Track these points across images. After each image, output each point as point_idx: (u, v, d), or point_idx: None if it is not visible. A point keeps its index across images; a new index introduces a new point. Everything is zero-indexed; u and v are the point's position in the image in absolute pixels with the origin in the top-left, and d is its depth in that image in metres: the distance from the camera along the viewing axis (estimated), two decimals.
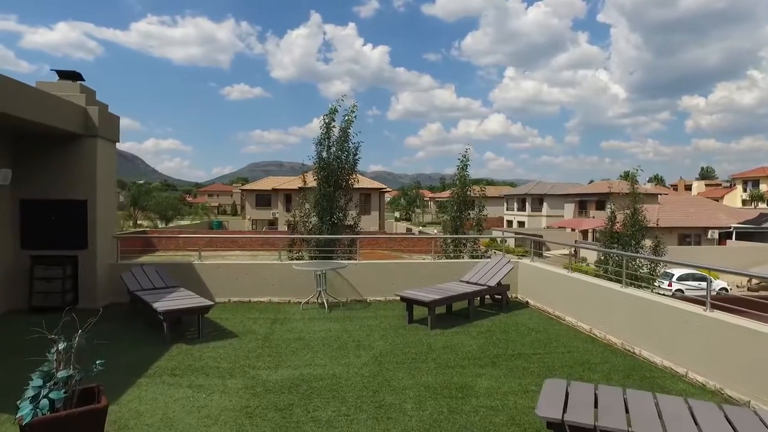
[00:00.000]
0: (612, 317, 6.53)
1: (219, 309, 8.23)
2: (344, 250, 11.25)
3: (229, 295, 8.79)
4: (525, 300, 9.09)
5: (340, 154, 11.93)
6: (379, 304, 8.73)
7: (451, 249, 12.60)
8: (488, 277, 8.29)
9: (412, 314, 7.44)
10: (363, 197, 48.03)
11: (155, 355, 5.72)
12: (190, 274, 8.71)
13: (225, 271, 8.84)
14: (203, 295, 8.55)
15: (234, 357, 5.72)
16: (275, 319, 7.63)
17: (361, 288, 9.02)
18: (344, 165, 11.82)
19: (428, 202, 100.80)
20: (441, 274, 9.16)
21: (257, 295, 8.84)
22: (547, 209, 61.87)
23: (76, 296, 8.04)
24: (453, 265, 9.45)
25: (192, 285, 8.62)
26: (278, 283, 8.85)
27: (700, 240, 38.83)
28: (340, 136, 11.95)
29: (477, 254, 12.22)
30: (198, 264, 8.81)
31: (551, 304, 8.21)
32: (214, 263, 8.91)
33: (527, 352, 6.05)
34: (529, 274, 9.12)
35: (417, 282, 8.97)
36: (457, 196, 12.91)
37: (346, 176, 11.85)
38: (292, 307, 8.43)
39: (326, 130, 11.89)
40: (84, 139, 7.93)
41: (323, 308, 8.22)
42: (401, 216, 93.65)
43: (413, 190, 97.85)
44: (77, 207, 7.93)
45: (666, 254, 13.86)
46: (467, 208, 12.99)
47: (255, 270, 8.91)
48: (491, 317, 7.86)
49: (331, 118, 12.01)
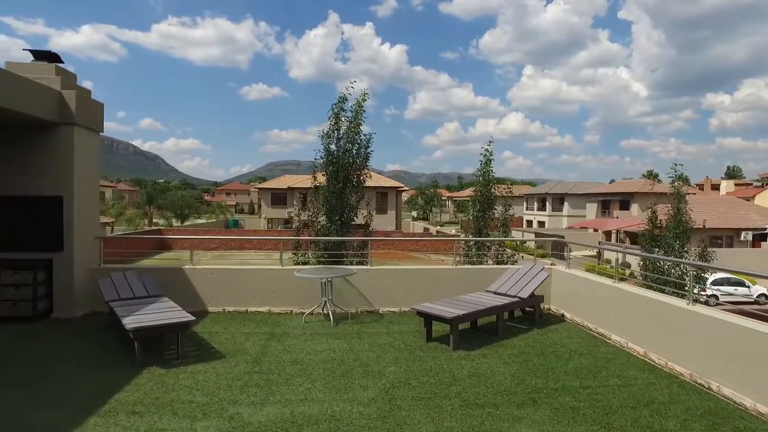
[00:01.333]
0: (675, 340, 5.33)
1: (211, 320, 7.25)
2: (355, 252, 10.23)
3: (223, 303, 7.81)
4: (560, 312, 7.92)
5: (350, 146, 10.88)
6: (393, 317, 7.65)
7: (474, 252, 11.46)
8: (519, 287, 7.14)
9: (431, 331, 6.34)
10: (379, 196, 47.03)
11: (120, 382, 4.73)
12: (180, 281, 7.74)
13: (219, 276, 7.85)
14: (194, 305, 7.61)
15: (214, 387, 4.70)
16: (272, 334, 6.60)
17: (373, 297, 7.96)
18: (355, 159, 10.78)
19: (446, 201, 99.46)
20: (464, 282, 8.05)
21: (255, 304, 7.84)
22: (568, 209, 60.03)
23: (51, 305, 7.13)
24: (477, 273, 8.32)
25: (182, 293, 7.67)
26: (279, 291, 7.84)
27: (732, 242, 36.86)
28: (350, 127, 10.90)
29: (503, 259, 11.07)
30: (189, 269, 7.84)
31: (592, 319, 7.03)
32: (206, 268, 7.93)
33: (573, 384, 4.90)
34: (564, 282, 7.94)
35: (436, 291, 7.87)
36: (480, 195, 11.74)
37: (356, 171, 10.79)
38: (294, 319, 7.41)
39: (335, 120, 10.84)
40: (59, 128, 7.01)
41: (328, 321, 7.18)
42: (418, 215, 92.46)
43: (430, 189, 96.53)
44: (51, 204, 7.01)
45: (713, 260, 12.48)
46: (491, 207, 11.82)
47: (252, 276, 7.91)
48: (523, 335, 6.73)
49: (340, 108, 10.93)
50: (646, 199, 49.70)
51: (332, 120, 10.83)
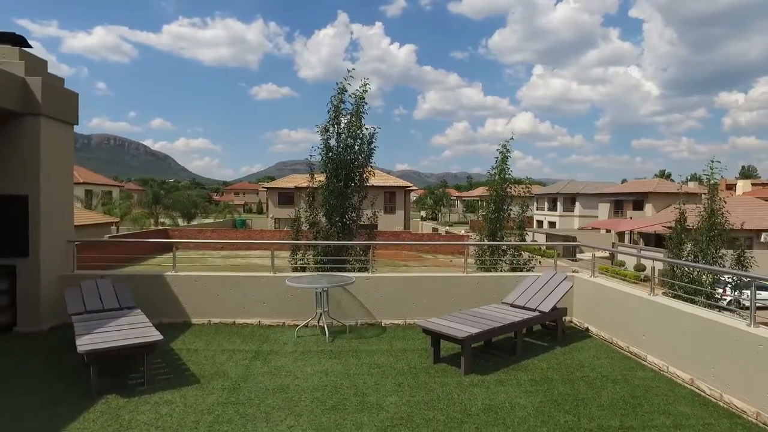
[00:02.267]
0: (733, 368, 4.45)
1: (193, 334, 6.48)
2: (358, 257, 9.43)
3: (208, 314, 7.04)
4: (583, 326, 7.06)
5: (352, 142, 10.09)
6: (397, 331, 6.83)
7: (487, 255, 10.57)
8: (539, 299, 6.29)
9: (438, 350, 5.51)
10: (387, 195, 46.24)
11: (66, 418, 3.96)
12: (161, 289, 6.98)
13: (204, 284, 7.07)
14: (176, 316, 6.86)
15: (177, 424, 3.91)
16: (258, 351, 5.81)
17: (375, 308, 7.15)
18: (357, 156, 9.95)
19: (455, 201, 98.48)
20: (476, 292, 7.22)
21: (244, 315, 7.06)
22: (579, 209, 58.80)
23: (14, 317, 6.40)
24: (491, 281, 7.47)
25: (163, 303, 6.93)
26: (270, 301, 7.05)
27: (751, 243, 35.55)
28: (351, 120, 10.11)
29: (519, 265, 10.15)
30: (171, 276, 7.06)
31: (623, 335, 6.15)
32: (189, 275, 7.14)
33: (612, 424, 4.03)
34: (588, 292, 7.07)
35: (445, 303, 7.05)
36: (495, 194, 10.83)
37: (359, 169, 9.97)
38: (285, 333, 6.62)
39: (334, 113, 10.02)
40: (23, 119, 6.26)
41: (324, 336, 6.38)
42: (427, 215, 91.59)
43: (440, 189, 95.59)
44: (14, 204, 6.28)
45: (753, 266, 11.41)
46: (507, 208, 10.90)
47: (241, 284, 7.12)
48: (545, 354, 5.87)
49: (340, 99, 10.10)
50: (660, 200, 48.52)
51: (331, 114, 10.02)
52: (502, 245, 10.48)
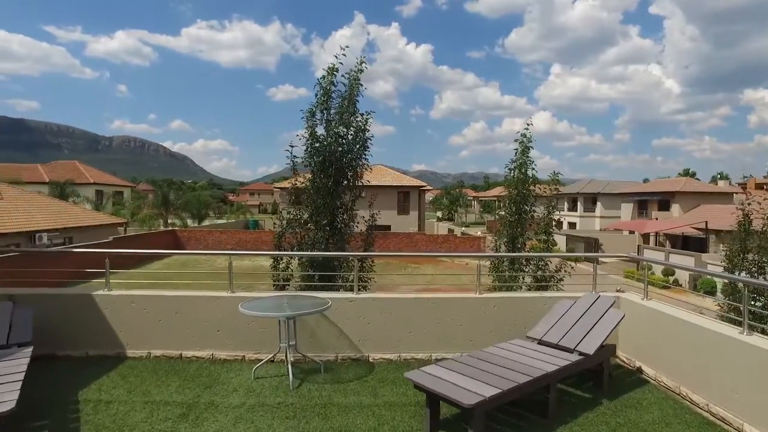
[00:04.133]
0: None
1: (120, 373, 4.96)
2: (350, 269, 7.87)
3: (149, 345, 5.50)
4: (634, 364, 5.33)
5: (344, 131, 8.37)
6: (387, 371, 5.21)
7: (506, 265, 8.81)
8: (579, 333, 4.60)
9: (437, 413, 3.87)
10: (401, 196, 44.58)
11: None
12: (88, 313, 5.46)
13: (143, 307, 5.53)
14: (107, 347, 5.37)
15: None
16: (191, 406, 4.25)
17: (361, 338, 5.53)
18: (351, 146, 8.31)
19: (472, 201, 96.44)
20: (493, 318, 5.56)
21: (193, 345, 5.50)
22: (601, 209, 56.36)
23: None
24: (512, 304, 5.77)
25: (90, 330, 5.43)
26: (226, 328, 5.49)
27: None
28: (343, 104, 8.40)
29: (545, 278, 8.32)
30: (102, 296, 5.53)
31: (698, 386, 4.43)
32: (126, 294, 5.60)
33: None
34: (641, 320, 5.32)
35: (453, 332, 5.43)
36: (516, 192, 9.02)
37: (352, 162, 8.32)
38: (242, 372, 5.06)
39: (324, 97, 8.43)
40: None
41: (289, 378, 4.80)
42: (443, 216, 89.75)
43: (456, 189, 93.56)
44: None
45: None
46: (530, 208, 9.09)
47: (190, 306, 5.55)
48: (587, 413, 4.19)
49: (331, 81, 8.40)
50: (688, 199, 45.84)
51: (320, 97, 8.41)
52: (524, 257, 8.69)
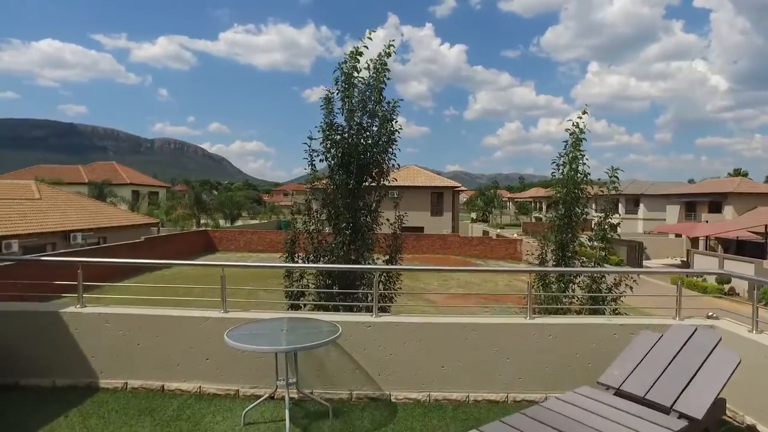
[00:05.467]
0: None
1: (83, 413, 4.03)
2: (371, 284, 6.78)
3: (126, 373, 4.56)
4: (743, 420, 4.02)
5: (368, 122, 7.18)
6: (415, 413, 4.10)
7: (553, 278, 7.49)
8: (674, 383, 3.35)
9: None
10: (435, 197, 43.33)
11: None
12: (57, 334, 4.57)
13: (118, 327, 4.59)
14: (78, 374, 4.47)
15: None
16: None
17: (381, 372, 4.43)
18: (376, 139, 7.20)
19: (507, 202, 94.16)
20: (548, 349, 4.37)
21: (177, 376, 4.53)
22: (644, 211, 53.43)
23: None
24: (573, 333, 4.51)
25: (58, 355, 4.54)
26: (216, 356, 4.49)
27: None
28: (367, 92, 7.17)
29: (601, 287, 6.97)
30: (72, 314, 4.63)
31: None
32: (100, 313, 4.66)
33: None
34: (750, 359, 3.99)
35: (495, 369, 4.28)
36: (565, 191, 7.62)
37: (376, 156, 7.20)
38: (230, 414, 4.05)
39: (346, 83, 7.16)
40: None
41: (286, 427, 3.75)
42: (477, 217, 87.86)
43: (490, 190, 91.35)
44: None
45: None
46: (582, 210, 7.71)
47: (174, 328, 4.58)
48: None
49: (353, 67, 7.21)
50: (743, 201, 42.60)
51: (340, 83, 7.15)
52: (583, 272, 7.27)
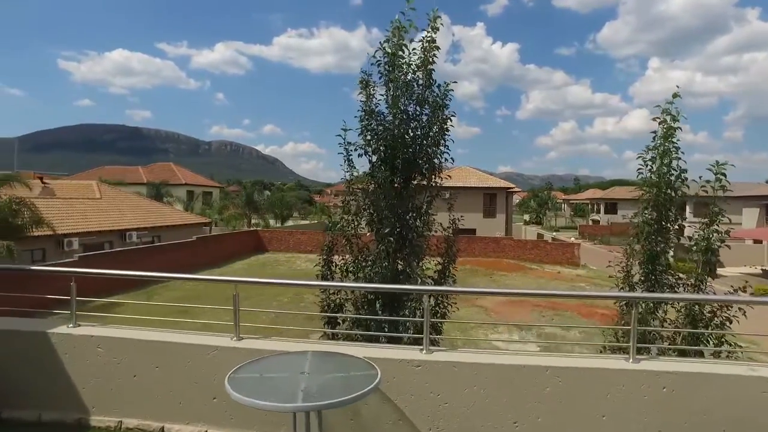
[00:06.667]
0: None
1: None
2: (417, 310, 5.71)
3: (122, 410, 3.75)
4: None
5: (418, 110, 6.06)
6: None
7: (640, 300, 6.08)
8: None
9: None
10: (487, 198, 41.70)
11: None
12: (45, 358, 3.83)
13: (112, 354, 3.78)
14: (66, 409, 3.71)
15: None
16: None
17: (433, 424, 3.38)
18: (426, 131, 6.13)
19: (561, 204, 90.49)
20: (662, 410, 3.18)
21: (180, 416, 3.67)
22: None
23: None
24: (698, 385, 3.24)
25: (45, 384, 3.79)
26: (225, 394, 3.50)
27: None
28: (414, 75, 6.03)
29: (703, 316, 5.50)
30: (62, 336, 3.86)
31: None
32: (89, 335, 3.88)
33: None
34: None
35: (585, 430, 3.13)
36: (655, 191, 6.18)
37: (425, 151, 6.13)
38: None
39: (390, 65, 5.99)
40: None
41: None
42: (530, 219, 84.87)
43: (544, 191, 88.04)
44: None
45: None
46: (675, 216, 6.29)
47: (176, 357, 3.72)
48: None
49: (399, 46, 5.99)
50: None
51: (383, 64, 6.03)
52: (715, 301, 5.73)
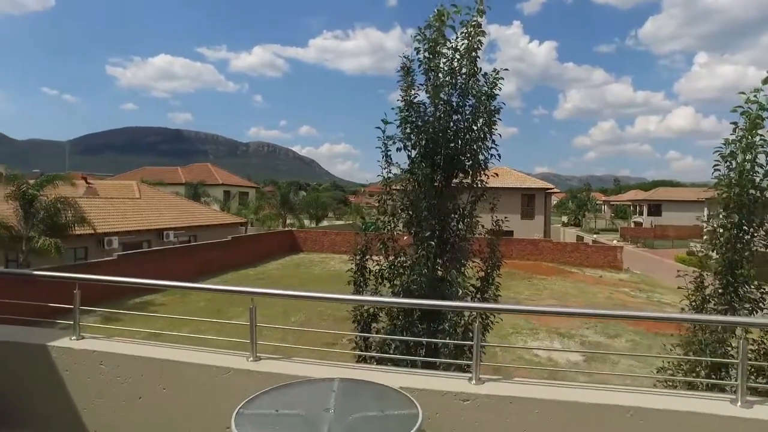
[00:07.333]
0: None
1: None
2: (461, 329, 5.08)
3: None
4: None
5: (461, 102, 5.49)
6: None
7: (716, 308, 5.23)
8: None
9: None
10: (526, 199, 40.47)
11: None
12: (43, 373, 3.43)
13: (116, 373, 3.33)
14: (63, 429, 3.25)
15: None
16: None
17: None
18: (470, 123, 5.53)
19: (601, 206, 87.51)
20: None
21: None
22: None
23: None
24: None
25: (47, 401, 3.39)
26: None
27: None
28: (458, 61, 5.42)
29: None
30: (63, 348, 3.46)
31: None
32: (92, 349, 3.45)
33: None
34: None
35: None
36: (737, 191, 5.33)
37: (469, 147, 5.47)
38: None
39: (431, 52, 5.42)
40: None
41: None
42: (569, 221, 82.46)
43: (583, 192, 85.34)
44: None
45: None
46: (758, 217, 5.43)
47: (185, 378, 3.24)
48: None
49: (440, 31, 5.45)
50: None
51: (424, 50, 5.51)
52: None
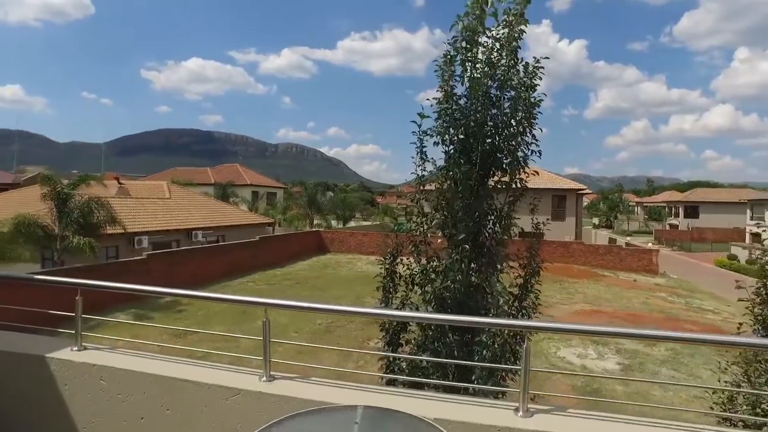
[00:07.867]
0: None
1: None
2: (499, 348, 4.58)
3: None
4: None
5: (498, 95, 5.05)
6: None
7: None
8: None
9: None
10: (556, 200, 39.37)
11: None
12: (41, 386, 3.14)
13: (116, 390, 3.00)
14: None
15: None
16: None
17: None
18: (509, 117, 5.05)
19: (634, 207, 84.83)
20: None
21: None
22: None
23: None
24: None
25: (44, 417, 3.09)
26: None
27: None
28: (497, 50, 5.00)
29: None
30: (62, 361, 3.15)
31: None
32: (92, 363, 3.13)
33: None
34: None
35: None
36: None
37: (508, 143, 5.01)
38: None
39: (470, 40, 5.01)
40: None
41: None
42: (600, 223, 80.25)
43: (615, 193, 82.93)
44: None
45: None
46: None
47: (190, 399, 2.89)
48: None
49: (480, 21, 5.01)
50: None
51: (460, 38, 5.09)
52: None
